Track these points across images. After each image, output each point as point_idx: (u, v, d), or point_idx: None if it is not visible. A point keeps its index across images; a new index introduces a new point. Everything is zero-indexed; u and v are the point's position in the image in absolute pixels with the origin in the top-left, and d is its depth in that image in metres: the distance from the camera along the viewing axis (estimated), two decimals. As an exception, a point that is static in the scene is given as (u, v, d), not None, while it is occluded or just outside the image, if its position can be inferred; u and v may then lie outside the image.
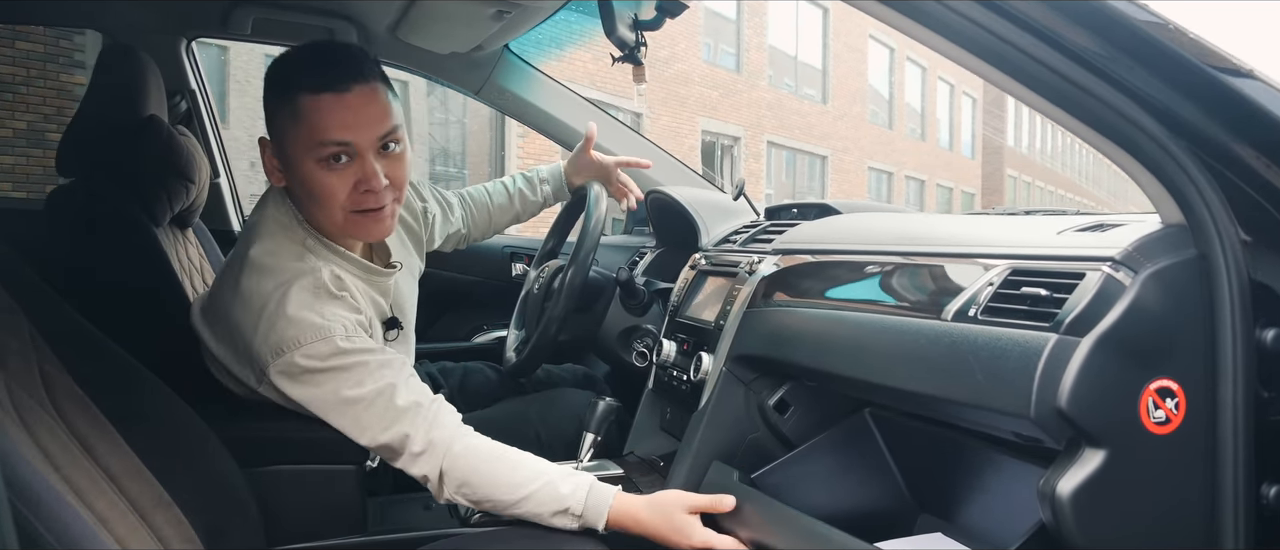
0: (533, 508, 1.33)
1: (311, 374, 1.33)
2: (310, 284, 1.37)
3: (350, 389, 1.33)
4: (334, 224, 1.42)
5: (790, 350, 1.39)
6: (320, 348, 1.33)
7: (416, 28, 2.06)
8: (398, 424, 1.34)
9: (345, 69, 1.35)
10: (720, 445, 1.54)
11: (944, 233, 1.32)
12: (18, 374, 1.12)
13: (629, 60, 1.72)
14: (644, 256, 2.33)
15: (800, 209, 1.90)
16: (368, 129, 1.37)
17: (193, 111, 2.39)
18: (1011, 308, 1.02)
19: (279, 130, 1.39)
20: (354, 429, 1.35)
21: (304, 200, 1.43)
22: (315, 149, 1.35)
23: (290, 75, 1.37)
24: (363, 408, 1.33)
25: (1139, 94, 0.94)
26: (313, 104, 1.34)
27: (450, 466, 1.34)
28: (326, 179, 1.37)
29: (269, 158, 1.44)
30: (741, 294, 1.57)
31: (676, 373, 1.71)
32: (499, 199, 2.05)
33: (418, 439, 1.34)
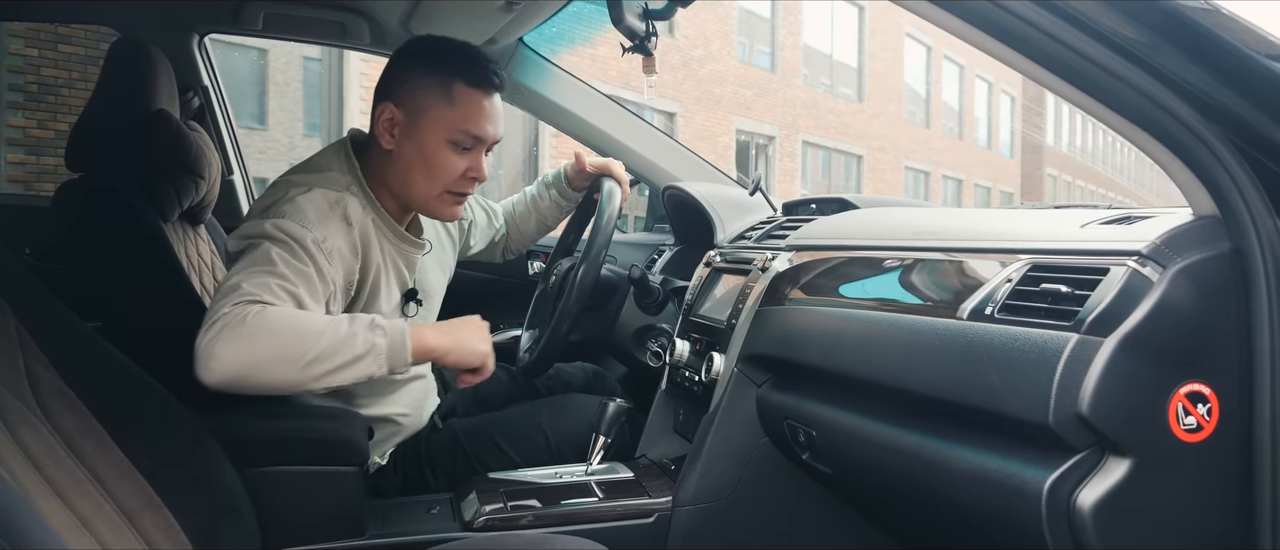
0: (335, 331, 1.28)
1: (264, 235, 1.36)
2: (333, 198, 1.46)
3: (277, 253, 1.34)
4: (426, 196, 1.56)
5: (801, 350, 1.33)
6: (291, 227, 1.37)
7: (427, 20, 2.03)
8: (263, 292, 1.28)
9: (499, 76, 1.55)
10: (731, 449, 1.49)
11: (962, 227, 1.25)
12: (2, 372, 1.09)
13: (639, 51, 1.66)
14: (663, 253, 2.28)
15: (818, 204, 1.84)
16: (496, 130, 1.57)
17: (206, 107, 2.37)
18: (1030, 306, 0.96)
19: (419, 102, 1.51)
20: (239, 270, 1.32)
21: (407, 167, 1.53)
22: (455, 132, 1.51)
23: (451, 60, 1.53)
24: (266, 266, 1.32)
25: (1168, 76, 0.87)
26: (469, 95, 1.51)
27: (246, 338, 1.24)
28: (449, 158, 1.53)
29: (388, 122, 1.53)
30: (754, 291, 1.51)
31: (689, 373, 1.66)
32: (521, 207, 2.10)
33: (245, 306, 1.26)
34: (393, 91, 1.53)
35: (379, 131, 1.54)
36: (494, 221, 2.04)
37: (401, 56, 1.57)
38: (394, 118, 1.52)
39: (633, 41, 1.64)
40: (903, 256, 1.23)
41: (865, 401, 1.21)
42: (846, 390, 1.25)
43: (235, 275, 1.32)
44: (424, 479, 1.73)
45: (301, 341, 1.27)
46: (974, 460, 1.02)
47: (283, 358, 1.26)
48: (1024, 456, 0.94)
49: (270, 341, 1.25)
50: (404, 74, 1.54)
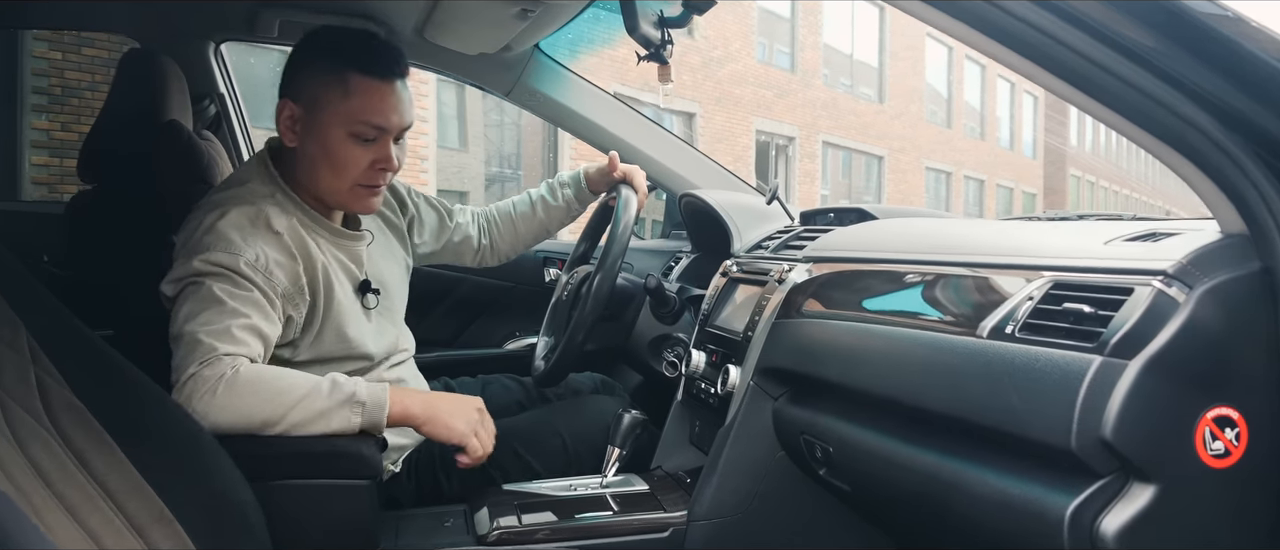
0: (309, 406, 1.33)
1: (198, 274, 1.37)
2: (251, 212, 1.44)
3: (218, 289, 1.35)
4: (337, 191, 1.52)
5: (818, 364, 1.31)
6: (220, 257, 1.37)
7: (442, 29, 2.02)
8: (219, 338, 1.33)
9: (396, 61, 1.50)
10: (747, 462, 1.47)
11: (983, 241, 1.23)
12: (13, 387, 1.08)
13: (654, 59, 1.64)
14: (679, 261, 2.26)
15: (836, 214, 1.81)
16: (401, 119, 1.51)
17: (221, 115, 2.37)
18: (1052, 325, 0.94)
19: (315, 96, 1.48)
20: (186, 315, 1.34)
21: (312, 164, 1.51)
22: (354, 124, 1.47)
23: (343, 50, 1.48)
24: (211, 306, 1.34)
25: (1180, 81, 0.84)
26: (364, 84, 1.47)
27: (226, 399, 1.31)
28: (353, 151, 1.48)
29: (290, 119, 1.50)
30: (770, 303, 1.49)
31: (705, 385, 1.64)
32: (521, 209, 2.04)
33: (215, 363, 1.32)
34: (290, 87, 1.51)
35: (282, 130, 1.51)
36: (447, 221, 1.95)
37: (297, 52, 1.53)
38: (294, 115, 1.50)
39: (648, 50, 1.62)
40: (922, 270, 1.21)
41: (883, 418, 1.19)
42: (864, 406, 1.23)
43: (189, 324, 1.33)
44: (438, 486, 1.72)
45: (275, 409, 1.33)
46: (993, 482, 0.99)
47: (258, 423, 1.32)
48: (1045, 480, 0.92)
49: (245, 405, 1.31)
50: (300, 69, 1.51)
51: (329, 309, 1.52)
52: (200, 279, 1.36)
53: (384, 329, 1.66)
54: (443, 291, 2.50)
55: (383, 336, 1.65)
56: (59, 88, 7.00)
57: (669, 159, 2.28)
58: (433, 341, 2.34)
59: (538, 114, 2.37)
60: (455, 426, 1.41)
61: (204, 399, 1.30)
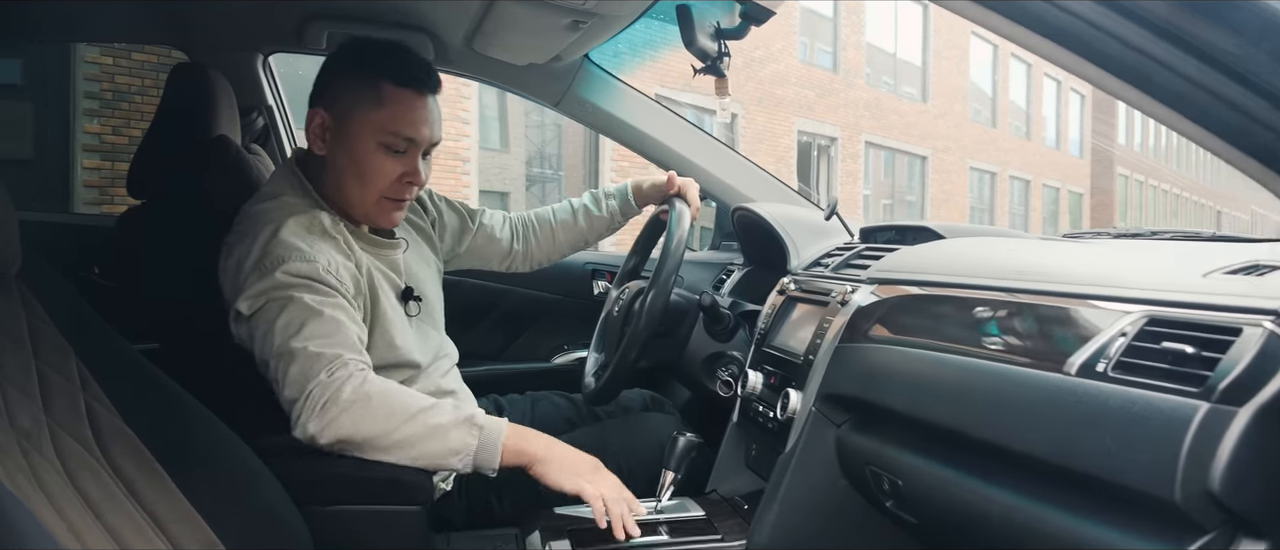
0: (428, 419, 1.33)
1: (284, 286, 1.36)
2: (306, 221, 1.44)
3: (311, 300, 1.35)
4: (362, 203, 1.52)
5: (885, 393, 1.25)
6: (301, 266, 1.37)
7: (492, 40, 1.99)
8: (336, 347, 1.33)
9: (429, 73, 1.51)
10: (809, 492, 1.42)
11: (1065, 267, 1.16)
12: (63, 416, 1.07)
13: (711, 72, 1.60)
14: (731, 275, 2.21)
15: (898, 231, 1.75)
16: (431, 132, 1.52)
17: (269, 128, 2.36)
18: (1149, 365, 0.87)
19: (346, 105, 1.48)
20: (286, 330, 1.33)
21: (339, 174, 1.51)
22: (385, 134, 1.47)
23: (377, 60, 1.49)
24: (312, 317, 1.34)
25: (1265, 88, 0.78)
26: (397, 95, 1.47)
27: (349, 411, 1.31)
28: (382, 162, 1.49)
29: (319, 126, 1.50)
30: (833, 326, 1.44)
31: (763, 407, 1.59)
32: (562, 216, 2.02)
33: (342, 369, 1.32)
34: (322, 96, 1.51)
35: (310, 138, 1.51)
36: (469, 223, 1.93)
37: (330, 61, 1.54)
38: (324, 123, 1.50)
39: (704, 62, 1.58)
40: (999, 298, 1.15)
41: (956, 453, 1.13)
42: (935, 439, 1.17)
43: (295, 339, 1.32)
44: (490, 506, 1.69)
45: (394, 419, 1.32)
46: (1077, 528, 0.93)
47: (378, 433, 1.32)
48: (1140, 531, 0.86)
49: (371, 416, 1.31)
50: (332, 78, 1.51)
51: (377, 316, 1.51)
52: (287, 291, 1.35)
53: (427, 335, 1.65)
54: (489, 304, 2.48)
55: (427, 343, 1.63)
56: (110, 92, 7.11)
57: (721, 170, 2.23)
58: (479, 354, 2.32)
59: (587, 124, 2.33)
60: (576, 482, 1.38)
61: (331, 410, 1.30)
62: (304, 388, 1.31)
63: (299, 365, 1.32)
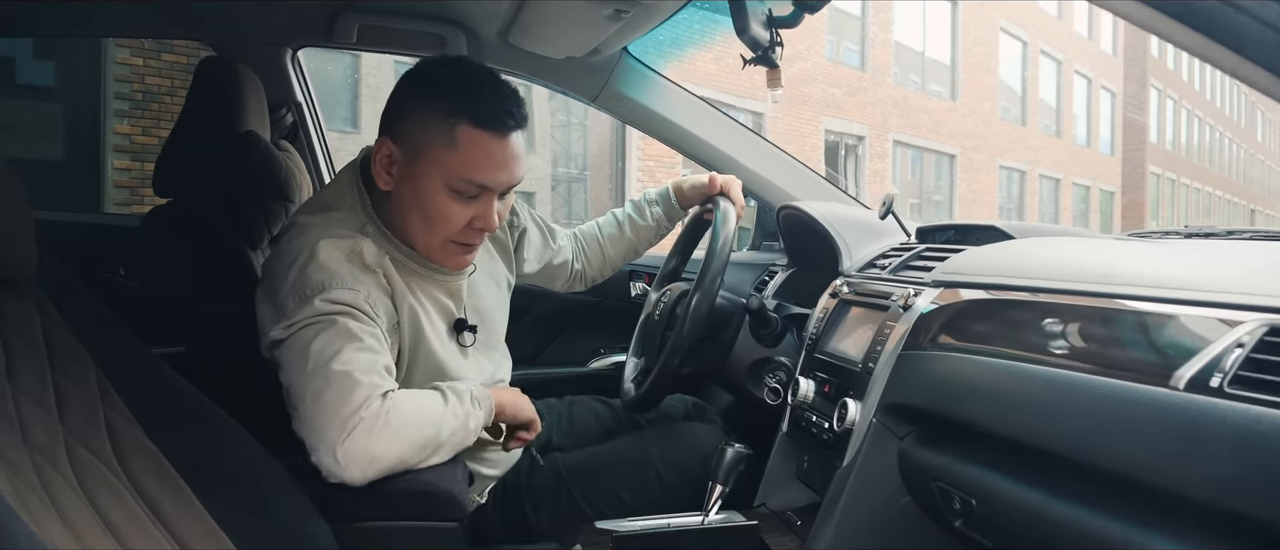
0: (455, 411, 1.33)
1: (323, 314, 1.27)
2: (346, 247, 1.33)
3: (353, 326, 1.27)
4: (427, 246, 1.41)
5: (959, 405, 1.17)
6: (342, 294, 1.28)
7: (528, 32, 1.91)
8: (374, 376, 1.26)
9: (512, 114, 1.35)
10: (869, 509, 1.33)
11: (1155, 270, 1.07)
12: (81, 429, 1.00)
13: (762, 62, 1.51)
14: (774, 276, 2.13)
15: (959, 230, 1.66)
16: (509, 176, 1.37)
17: (299, 124, 2.31)
18: (1272, 380, 0.78)
19: (417, 141, 1.34)
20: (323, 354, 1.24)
21: (404, 211, 1.39)
22: (455, 179, 1.34)
23: (455, 96, 1.33)
24: (352, 343, 1.26)
25: None
26: (472, 138, 1.32)
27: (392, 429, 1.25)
28: (451, 207, 1.35)
29: (386, 159, 1.37)
30: (895, 332, 1.35)
31: (816, 417, 1.51)
32: (609, 230, 1.95)
33: (380, 401, 1.25)
34: (393, 125, 1.37)
35: (376, 169, 1.37)
36: (551, 243, 1.85)
37: (405, 84, 1.38)
38: (392, 156, 1.36)
39: (756, 52, 1.49)
40: (1084, 303, 1.06)
41: (1042, 472, 1.04)
42: (1016, 457, 1.08)
43: (335, 363, 1.23)
44: (526, 519, 1.62)
45: (429, 429, 1.29)
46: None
47: (416, 447, 1.28)
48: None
49: (407, 433, 1.26)
50: (406, 106, 1.36)
51: (417, 353, 1.42)
52: (329, 317, 1.26)
53: (481, 365, 1.57)
54: (525, 306, 2.40)
55: (480, 371, 1.56)
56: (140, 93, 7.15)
57: (764, 168, 2.14)
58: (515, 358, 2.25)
59: (625, 120, 2.25)
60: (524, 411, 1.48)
61: (372, 439, 1.23)
62: (340, 416, 1.22)
63: (338, 389, 1.23)
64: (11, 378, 0.95)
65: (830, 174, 2.51)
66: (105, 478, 0.99)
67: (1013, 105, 22.24)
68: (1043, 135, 23.40)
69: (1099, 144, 26.80)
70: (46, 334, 1.02)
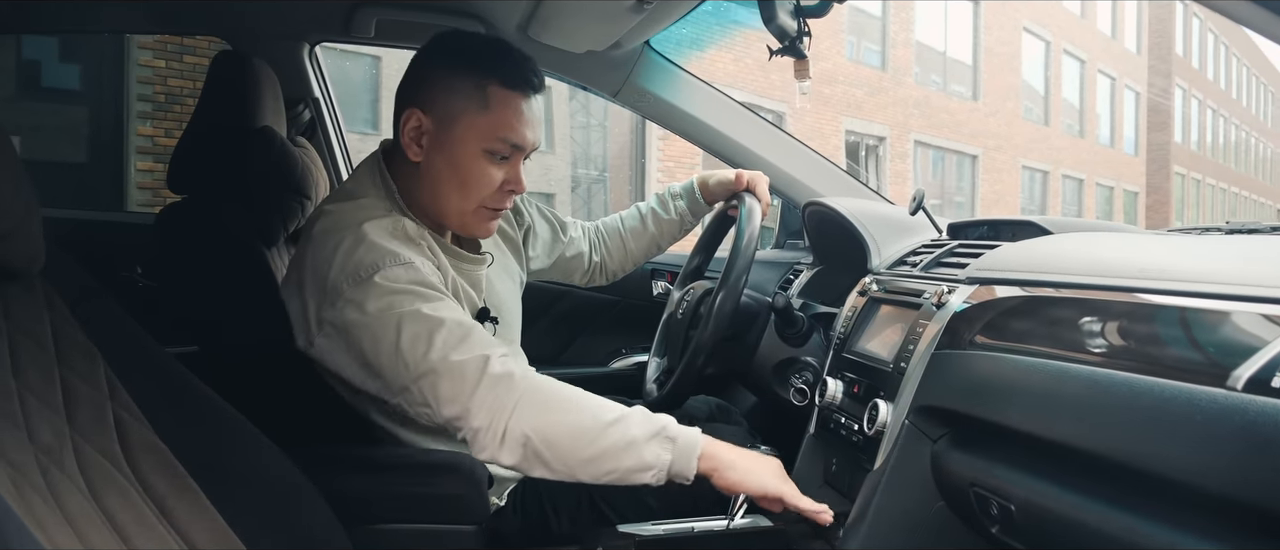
0: (624, 430, 1.21)
1: (390, 294, 1.24)
2: (389, 225, 1.33)
3: (427, 309, 1.24)
4: (460, 212, 1.41)
5: (996, 407, 1.12)
6: (400, 272, 1.26)
7: (548, 25, 1.87)
8: (476, 348, 1.22)
9: (535, 72, 1.39)
10: (902, 514, 1.29)
11: (1204, 266, 1.02)
12: (88, 428, 0.97)
13: (790, 53, 1.48)
14: (799, 275, 2.08)
15: (992, 226, 1.61)
16: (535, 136, 1.40)
17: (316, 121, 2.28)
18: (1341, 380, 0.74)
19: (448, 107, 1.35)
20: (415, 349, 1.21)
21: (437, 180, 1.39)
22: (491, 140, 1.36)
23: (484, 59, 1.36)
24: (436, 327, 1.22)
25: None
26: (505, 97, 1.35)
27: (531, 400, 1.20)
28: (485, 169, 1.37)
29: (415, 131, 1.37)
30: (928, 331, 1.30)
31: (845, 419, 1.47)
32: (631, 223, 1.92)
33: (496, 364, 1.21)
34: (419, 96, 1.37)
35: (406, 142, 1.37)
36: (561, 236, 1.83)
37: (427, 55, 1.40)
38: (422, 126, 1.36)
39: (783, 42, 1.45)
40: (1130, 300, 1.01)
41: (1086, 477, 0.99)
42: (1058, 460, 1.03)
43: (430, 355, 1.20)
44: (546, 522, 1.59)
45: (587, 426, 1.21)
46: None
47: (564, 432, 1.20)
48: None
49: (544, 407, 1.21)
50: (431, 75, 1.37)
51: None
52: (395, 304, 1.23)
53: None
54: (545, 305, 2.38)
55: None
56: (163, 95, 7.21)
57: (790, 164, 2.10)
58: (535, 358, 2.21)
59: (647, 116, 2.22)
60: (769, 483, 1.25)
61: (505, 405, 1.19)
62: (465, 403, 1.20)
63: (450, 381, 1.20)
64: (18, 375, 0.93)
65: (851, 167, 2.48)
66: (113, 478, 0.96)
67: (1035, 105, 22.08)
68: (1066, 135, 23.22)
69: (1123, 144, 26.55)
70: (55, 331, 1.00)
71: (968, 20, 19.45)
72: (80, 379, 0.98)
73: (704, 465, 1.24)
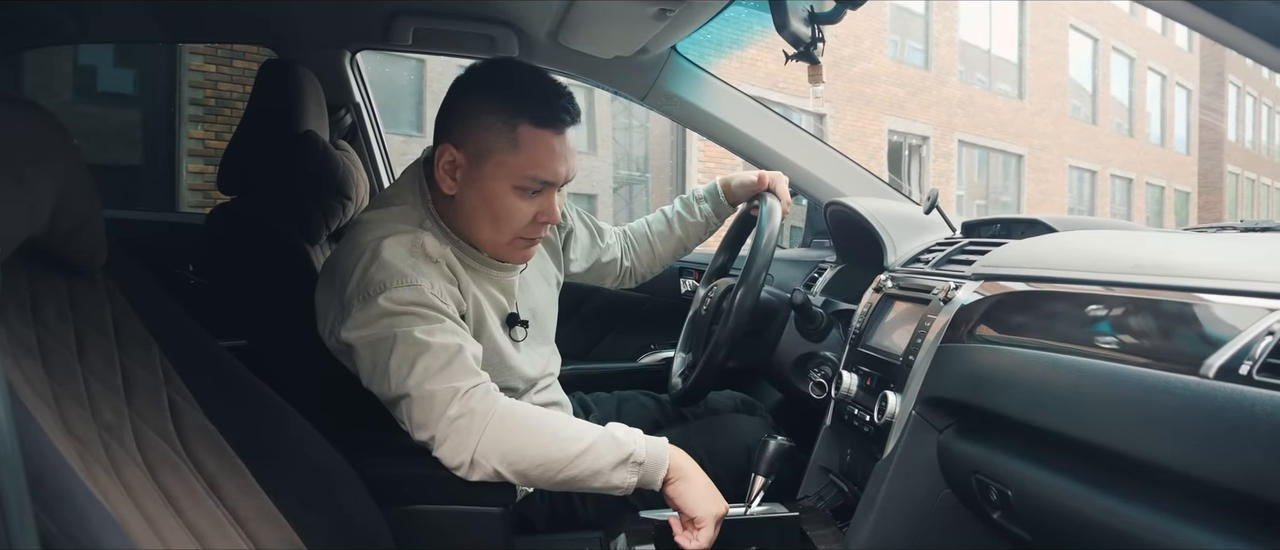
0: (591, 461, 1.29)
1: (388, 315, 1.31)
2: (408, 242, 1.38)
3: (420, 332, 1.30)
4: (494, 243, 1.46)
5: (995, 396, 1.17)
6: (404, 293, 1.32)
7: (577, 32, 1.95)
8: (451, 379, 1.29)
9: (568, 110, 1.41)
10: (909, 500, 1.34)
11: (1193, 261, 1.06)
12: (145, 410, 1.06)
13: (804, 58, 1.53)
14: (823, 273, 2.13)
15: (1004, 224, 1.65)
16: (568, 169, 1.44)
17: (357, 125, 2.37)
18: (1303, 368, 0.78)
19: (479, 144, 1.39)
20: (399, 371, 1.29)
21: (470, 214, 1.44)
22: (521, 178, 1.39)
23: (513, 96, 1.39)
24: (422, 352, 1.29)
25: None
26: (535, 136, 1.38)
27: (495, 432, 1.28)
28: (518, 205, 1.41)
29: (449, 165, 1.42)
30: (935, 325, 1.35)
31: (858, 411, 1.52)
32: (658, 227, 1.98)
33: (465, 399, 1.29)
34: (452, 131, 1.41)
35: (439, 175, 1.43)
36: (598, 241, 1.90)
37: (461, 89, 1.43)
38: (455, 161, 1.41)
39: (797, 48, 1.51)
40: (1121, 294, 1.05)
41: (1075, 462, 1.04)
42: (1050, 447, 1.08)
43: (410, 380, 1.29)
44: (572, 508, 1.65)
45: (554, 455, 1.29)
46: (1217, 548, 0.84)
47: (532, 464, 1.30)
48: (1295, 553, 0.77)
49: (518, 442, 1.29)
50: (464, 110, 1.41)
51: (481, 344, 1.46)
52: (392, 325, 1.31)
53: (533, 358, 1.61)
54: (576, 303, 2.45)
55: (533, 365, 1.60)
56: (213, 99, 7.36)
57: (813, 165, 2.15)
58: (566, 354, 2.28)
59: (674, 118, 2.28)
60: (702, 508, 1.34)
61: (469, 439, 1.28)
62: (432, 430, 1.29)
63: (421, 407, 1.29)
64: (83, 360, 1.01)
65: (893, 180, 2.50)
66: (168, 456, 1.05)
67: (1083, 104, 21.75)
68: (1115, 134, 22.83)
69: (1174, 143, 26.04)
70: (116, 321, 1.08)
71: (1013, 18, 19.22)
72: (138, 365, 1.07)
73: (670, 477, 1.35)
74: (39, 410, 0.86)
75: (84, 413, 0.96)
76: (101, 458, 0.94)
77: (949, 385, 1.28)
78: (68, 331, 1.01)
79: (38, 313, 0.97)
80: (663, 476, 1.33)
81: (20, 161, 0.80)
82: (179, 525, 1.00)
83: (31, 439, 0.74)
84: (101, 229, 1.03)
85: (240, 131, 1.71)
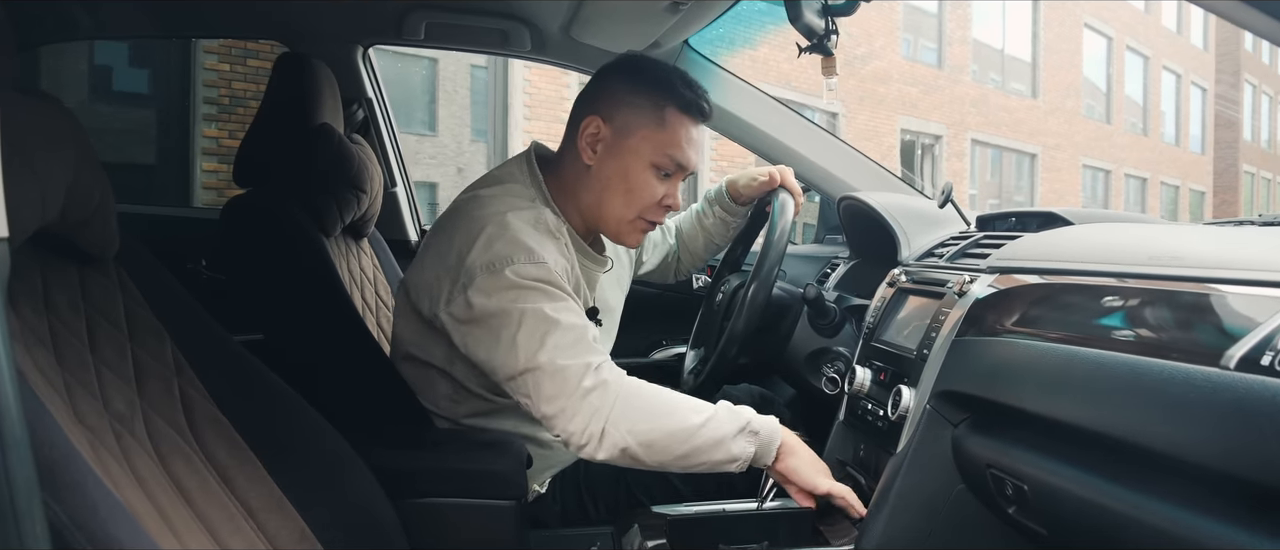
0: (714, 430, 1.32)
1: (516, 289, 1.33)
2: (531, 217, 1.42)
3: (549, 308, 1.32)
4: (618, 220, 1.51)
5: (1010, 390, 1.16)
6: (531, 269, 1.34)
7: (589, 26, 1.94)
8: (582, 354, 1.32)
9: (707, 104, 1.51)
10: (922, 495, 1.32)
11: (1212, 252, 1.05)
12: (157, 400, 1.06)
13: (817, 51, 1.52)
14: (836, 268, 2.12)
15: (1019, 218, 1.64)
16: (697, 160, 1.53)
17: (370, 120, 2.38)
18: (1326, 358, 0.77)
19: (628, 119, 1.47)
20: (529, 345, 1.30)
21: (604, 185, 1.49)
22: (662, 156, 1.47)
23: (665, 83, 1.48)
24: (552, 328, 1.31)
25: None
26: (681, 120, 1.48)
27: (625, 406, 1.31)
28: (652, 183, 1.49)
29: (592, 136, 1.48)
30: (949, 319, 1.34)
31: (871, 406, 1.51)
32: (688, 226, 2.01)
33: (599, 372, 1.32)
34: (600, 106, 1.49)
35: (581, 145, 1.49)
36: (666, 238, 1.97)
37: (612, 71, 1.52)
38: (599, 133, 1.48)
39: (810, 41, 1.50)
40: (1139, 286, 1.04)
41: (1092, 456, 1.03)
42: (1067, 441, 1.07)
43: (539, 354, 1.30)
44: (584, 508, 1.65)
45: (680, 427, 1.31)
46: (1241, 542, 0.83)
47: (654, 438, 1.31)
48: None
49: (646, 422, 1.30)
50: (614, 90, 1.49)
51: None
52: (520, 300, 1.32)
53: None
54: (588, 298, 2.44)
55: None
56: (227, 97, 7.39)
57: (826, 160, 2.13)
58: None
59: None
60: (816, 482, 1.39)
61: (601, 412, 1.30)
62: (563, 404, 1.30)
63: (553, 380, 1.30)
64: (95, 350, 1.01)
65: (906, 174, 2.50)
66: (179, 446, 1.05)
67: (1097, 103, 21.66)
68: (1129, 133, 22.74)
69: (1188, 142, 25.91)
70: (128, 312, 1.08)
71: (1026, 17, 19.17)
72: (150, 355, 1.07)
73: (781, 453, 1.38)
74: (50, 399, 0.86)
75: (95, 402, 0.96)
76: (113, 447, 0.94)
77: (963, 379, 1.26)
78: (79, 321, 1.01)
79: (50, 302, 0.97)
80: (775, 450, 1.37)
81: (31, 149, 0.80)
82: (190, 515, 1.00)
83: (43, 428, 0.74)
84: (113, 218, 1.03)
85: (256, 124, 1.72)
